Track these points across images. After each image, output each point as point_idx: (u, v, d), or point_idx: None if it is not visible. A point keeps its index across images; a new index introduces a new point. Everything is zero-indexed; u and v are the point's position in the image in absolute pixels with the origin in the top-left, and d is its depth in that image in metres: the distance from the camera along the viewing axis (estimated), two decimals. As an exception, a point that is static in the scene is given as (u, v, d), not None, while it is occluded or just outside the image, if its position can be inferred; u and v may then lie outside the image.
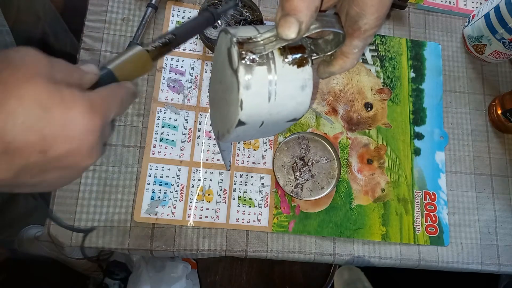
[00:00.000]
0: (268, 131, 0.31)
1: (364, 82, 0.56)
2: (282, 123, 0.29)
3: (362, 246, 0.51)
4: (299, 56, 0.26)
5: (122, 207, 0.47)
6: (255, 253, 0.48)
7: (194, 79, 0.52)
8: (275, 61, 0.26)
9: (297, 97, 0.27)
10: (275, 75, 0.26)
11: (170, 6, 0.54)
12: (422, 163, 0.54)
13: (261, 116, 0.27)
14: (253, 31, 0.26)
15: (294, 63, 0.26)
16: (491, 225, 0.54)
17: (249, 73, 0.25)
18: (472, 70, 0.60)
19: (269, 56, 0.25)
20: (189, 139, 0.50)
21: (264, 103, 0.26)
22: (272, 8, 0.57)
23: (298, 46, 0.26)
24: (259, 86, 0.25)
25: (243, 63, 0.25)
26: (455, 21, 0.61)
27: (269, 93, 0.26)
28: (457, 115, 0.57)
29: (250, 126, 0.28)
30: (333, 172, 0.51)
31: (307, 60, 0.26)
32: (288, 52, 0.26)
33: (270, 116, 0.27)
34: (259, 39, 0.25)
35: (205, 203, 0.48)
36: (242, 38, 0.25)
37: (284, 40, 0.25)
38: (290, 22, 0.23)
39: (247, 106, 0.26)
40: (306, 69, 0.26)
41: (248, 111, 0.26)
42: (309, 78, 0.27)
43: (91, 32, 0.52)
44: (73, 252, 0.54)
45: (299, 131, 0.52)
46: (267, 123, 0.28)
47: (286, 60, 0.26)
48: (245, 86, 0.25)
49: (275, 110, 0.27)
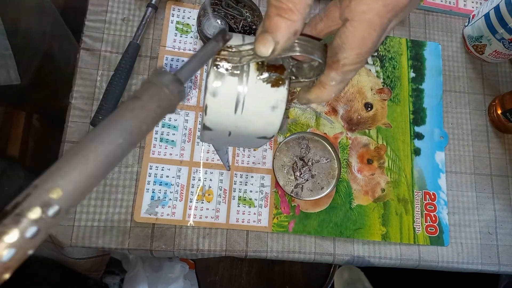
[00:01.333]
0: (241, 142, 0.30)
1: (364, 82, 0.56)
2: (252, 138, 0.28)
3: (362, 246, 0.51)
4: (276, 75, 0.25)
5: (122, 207, 0.47)
6: (255, 253, 0.48)
7: (194, 79, 0.52)
8: (249, 75, 0.25)
9: (266, 116, 0.26)
10: (245, 88, 0.25)
11: (170, 6, 0.54)
12: (422, 163, 0.54)
13: (227, 126, 0.27)
14: (239, 40, 0.26)
15: (268, 82, 0.25)
16: (491, 225, 0.54)
17: (219, 80, 0.24)
18: (472, 70, 0.60)
19: (244, 68, 0.25)
20: (189, 139, 0.50)
21: (229, 113, 0.26)
22: (272, 8, 0.57)
23: (278, 66, 0.26)
24: (226, 96, 0.25)
25: (214, 69, 0.24)
26: (455, 21, 0.61)
27: (236, 104, 0.25)
28: (457, 115, 0.57)
29: (218, 133, 0.27)
30: (333, 172, 0.51)
31: (284, 82, 0.26)
32: (265, 69, 0.25)
33: (237, 128, 0.27)
34: (239, 49, 0.25)
35: (205, 203, 0.48)
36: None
37: (258, 56, 0.24)
38: (266, 40, 0.23)
39: (211, 112, 0.25)
40: (280, 90, 0.25)
41: (213, 118, 0.26)
42: (282, 99, 0.26)
43: (91, 32, 0.52)
44: (73, 252, 0.54)
45: (299, 131, 0.52)
46: (236, 134, 0.28)
47: (261, 76, 0.25)
48: (212, 92, 0.25)
49: (242, 123, 0.26)
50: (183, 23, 0.53)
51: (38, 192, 0.15)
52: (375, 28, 0.24)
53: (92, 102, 0.50)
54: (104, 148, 0.16)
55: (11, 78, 0.55)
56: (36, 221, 0.15)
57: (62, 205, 0.15)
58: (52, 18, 0.70)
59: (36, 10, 0.65)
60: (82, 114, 0.49)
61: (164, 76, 0.19)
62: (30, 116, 1.03)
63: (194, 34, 0.53)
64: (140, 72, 0.51)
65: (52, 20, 0.70)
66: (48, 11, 0.70)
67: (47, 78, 0.73)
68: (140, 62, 0.52)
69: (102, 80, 0.50)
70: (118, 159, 0.17)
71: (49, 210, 0.15)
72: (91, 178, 0.16)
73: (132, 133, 0.17)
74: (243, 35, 0.27)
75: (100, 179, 0.17)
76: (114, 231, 0.46)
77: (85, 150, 0.16)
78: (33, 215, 0.15)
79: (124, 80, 0.49)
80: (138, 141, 0.18)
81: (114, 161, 0.17)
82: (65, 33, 0.77)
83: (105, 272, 0.86)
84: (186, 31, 0.53)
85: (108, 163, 0.17)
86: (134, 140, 0.17)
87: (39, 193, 0.15)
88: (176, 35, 0.53)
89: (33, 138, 1.04)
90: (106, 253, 0.74)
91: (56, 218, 0.15)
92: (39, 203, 0.15)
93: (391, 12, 0.24)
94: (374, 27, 0.24)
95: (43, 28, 0.67)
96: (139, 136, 0.18)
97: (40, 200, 0.15)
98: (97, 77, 0.50)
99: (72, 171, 0.16)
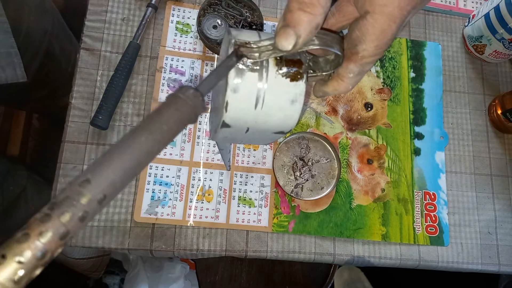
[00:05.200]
0: (255, 139, 0.31)
1: (364, 82, 0.56)
2: (269, 133, 0.29)
3: (362, 246, 0.51)
4: (294, 70, 0.26)
5: (122, 207, 0.47)
6: (255, 253, 0.48)
7: (194, 79, 0.52)
8: (268, 70, 0.25)
9: (285, 110, 0.27)
10: (265, 84, 0.25)
11: (170, 6, 0.54)
12: (422, 163, 0.54)
13: (246, 122, 0.27)
14: (255, 36, 0.26)
15: (288, 76, 0.26)
16: (491, 225, 0.54)
17: (239, 77, 0.25)
18: (472, 70, 0.60)
19: (263, 64, 0.25)
20: (189, 139, 0.50)
21: (250, 109, 0.26)
22: (272, 8, 0.57)
23: (296, 60, 0.26)
24: (247, 91, 0.25)
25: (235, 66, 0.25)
26: (455, 21, 0.61)
27: (256, 100, 0.26)
28: (457, 115, 0.57)
29: (236, 129, 0.28)
30: (333, 172, 0.51)
31: (302, 76, 0.26)
32: (284, 64, 0.26)
33: (256, 124, 0.27)
34: (257, 45, 0.25)
35: (205, 203, 0.48)
36: (241, 42, 0.25)
37: (280, 50, 0.24)
38: (288, 34, 0.23)
39: (232, 109, 0.26)
40: (299, 84, 0.26)
41: (233, 114, 0.26)
42: (300, 93, 0.26)
43: (91, 32, 0.52)
44: (73, 252, 0.54)
45: (299, 131, 0.52)
46: (253, 130, 0.28)
47: (280, 71, 0.25)
48: (233, 89, 0.25)
49: (262, 118, 0.27)
50: (183, 23, 0.53)
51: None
52: (395, 20, 0.24)
53: (92, 102, 0.50)
54: (128, 159, 0.19)
55: (17, 76, 0.55)
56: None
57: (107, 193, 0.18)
58: (52, 17, 0.71)
59: (36, 9, 0.65)
60: (82, 114, 0.49)
61: (187, 90, 0.21)
62: (30, 116, 1.03)
63: (194, 34, 0.53)
64: (140, 72, 0.51)
65: (53, 19, 0.70)
66: (48, 11, 0.70)
67: (47, 77, 0.74)
68: (140, 62, 0.52)
69: (102, 80, 0.50)
70: (145, 162, 0.19)
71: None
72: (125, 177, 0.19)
73: (159, 141, 0.20)
74: (258, 32, 0.27)
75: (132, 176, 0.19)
76: (114, 231, 0.46)
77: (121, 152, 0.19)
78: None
79: (124, 80, 0.49)
80: (162, 149, 0.20)
81: (141, 161, 0.19)
82: (65, 33, 0.77)
83: (105, 272, 0.86)
84: (186, 31, 0.53)
85: (134, 168, 0.19)
86: (160, 148, 0.20)
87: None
88: (176, 35, 0.53)
89: (33, 138, 1.04)
90: (106, 253, 0.74)
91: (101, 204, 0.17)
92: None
93: (411, 4, 0.24)
94: (394, 19, 0.24)
95: (44, 28, 0.67)
96: (163, 145, 0.20)
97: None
98: (97, 77, 0.50)
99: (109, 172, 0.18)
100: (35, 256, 0.15)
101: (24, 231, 0.16)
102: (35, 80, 0.68)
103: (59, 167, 0.47)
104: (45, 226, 0.16)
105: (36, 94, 0.77)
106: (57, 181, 0.47)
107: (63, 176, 0.47)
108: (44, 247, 0.15)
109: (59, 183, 0.47)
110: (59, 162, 0.47)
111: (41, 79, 0.71)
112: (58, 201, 0.16)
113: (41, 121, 1.08)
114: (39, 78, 0.69)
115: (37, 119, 1.07)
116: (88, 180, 0.17)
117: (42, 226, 0.16)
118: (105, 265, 0.85)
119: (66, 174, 0.47)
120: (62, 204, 0.16)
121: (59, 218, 0.16)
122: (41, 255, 0.15)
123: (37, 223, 0.16)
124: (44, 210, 0.16)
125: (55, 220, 0.16)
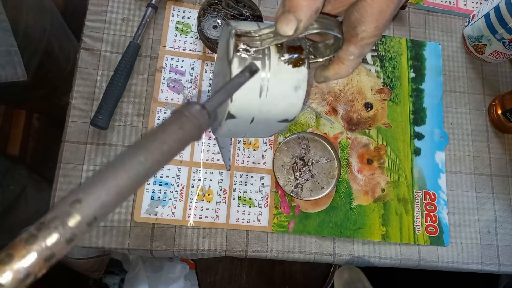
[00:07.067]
0: (259, 130, 0.31)
1: (364, 82, 0.56)
2: (273, 122, 0.29)
3: (362, 246, 0.51)
4: (296, 56, 0.26)
5: (122, 207, 0.47)
6: (255, 253, 0.48)
7: (194, 79, 0.52)
8: (270, 57, 0.25)
9: (289, 97, 0.27)
10: (268, 72, 0.25)
11: (170, 6, 0.54)
12: (422, 163, 0.54)
13: (251, 111, 0.27)
14: (254, 26, 0.26)
15: (290, 62, 0.26)
16: (491, 225, 0.54)
17: (243, 65, 0.25)
18: (472, 70, 0.60)
19: (265, 52, 0.25)
20: (189, 139, 0.50)
21: (255, 98, 0.26)
22: (272, 8, 0.57)
23: (296, 47, 0.26)
24: (251, 80, 0.25)
25: (238, 55, 0.25)
26: (455, 21, 0.61)
27: (260, 88, 0.26)
28: (457, 115, 0.57)
29: (240, 120, 0.28)
30: (333, 172, 0.51)
31: (303, 61, 0.26)
32: (285, 50, 0.26)
33: (261, 113, 0.27)
34: (258, 33, 0.25)
35: (205, 203, 0.48)
36: (241, 31, 0.25)
37: (281, 36, 0.25)
38: (288, 19, 0.23)
39: (237, 99, 0.26)
40: (301, 70, 0.26)
41: (238, 104, 0.26)
42: (303, 79, 0.26)
43: (91, 32, 0.52)
44: (73, 252, 0.54)
45: (299, 131, 0.52)
46: (258, 120, 0.28)
47: (282, 58, 0.26)
48: None
49: (266, 107, 0.27)
50: (183, 23, 0.53)
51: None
52: (393, 0, 0.25)
53: (92, 102, 0.50)
54: (126, 175, 0.18)
55: (18, 74, 0.55)
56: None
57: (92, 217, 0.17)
58: (51, 16, 0.70)
59: (35, 8, 0.65)
60: (82, 114, 0.49)
61: (193, 107, 0.20)
62: (30, 116, 1.03)
63: (194, 34, 0.53)
64: (140, 72, 0.51)
65: (52, 18, 0.70)
66: (47, 10, 0.70)
67: (47, 76, 0.74)
68: (140, 62, 0.52)
69: (102, 80, 0.50)
70: (141, 182, 0.18)
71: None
72: (120, 196, 0.18)
73: (159, 161, 0.19)
74: (257, 22, 0.27)
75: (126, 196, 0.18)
76: (114, 231, 0.46)
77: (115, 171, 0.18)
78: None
79: (124, 80, 0.49)
80: (160, 169, 0.20)
81: (138, 181, 0.18)
82: (64, 32, 0.77)
83: (105, 272, 0.86)
84: (186, 31, 0.53)
85: (131, 185, 0.18)
86: (158, 168, 0.19)
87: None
88: (176, 35, 0.53)
89: (33, 138, 1.04)
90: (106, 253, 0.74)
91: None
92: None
93: None
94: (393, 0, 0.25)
95: (43, 27, 0.67)
96: (162, 165, 0.19)
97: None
98: (97, 77, 0.50)
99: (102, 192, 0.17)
100: (16, 278, 0.15)
101: (8, 251, 0.15)
102: (35, 79, 0.68)
103: (59, 167, 0.47)
104: (30, 248, 0.15)
105: (36, 93, 0.77)
106: (57, 181, 0.47)
107: (63, 176, 0.47)
108: (27, 269, 0.15)
109: (59, 183, 0.47)
110: (59, 162, 0.47)
111: (40, 78, 0.71)
112: (46, 221, 0.16)
113: (41, 121, 1.08)
114: (38, 77, 0.69)
115: (37, 119, 1.07)
116: (79, 200, 0.16)
117: (27, 247, 0.15)
118: (105, 265, 0.85)
119: (66, 174, 0.47)
120: (49, 224, 0.16)
121: (45, 240, 0.15)
122: (23, 277, 0.15)
123: (22, 244, 0.15)
124: (31, 230, 0.16)
125: (41, 242, 0.15)
